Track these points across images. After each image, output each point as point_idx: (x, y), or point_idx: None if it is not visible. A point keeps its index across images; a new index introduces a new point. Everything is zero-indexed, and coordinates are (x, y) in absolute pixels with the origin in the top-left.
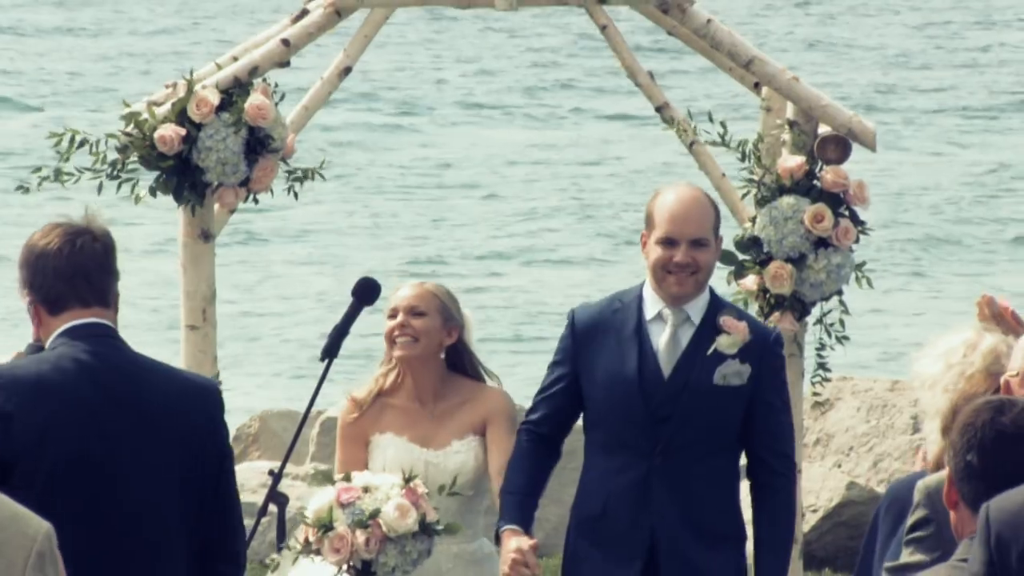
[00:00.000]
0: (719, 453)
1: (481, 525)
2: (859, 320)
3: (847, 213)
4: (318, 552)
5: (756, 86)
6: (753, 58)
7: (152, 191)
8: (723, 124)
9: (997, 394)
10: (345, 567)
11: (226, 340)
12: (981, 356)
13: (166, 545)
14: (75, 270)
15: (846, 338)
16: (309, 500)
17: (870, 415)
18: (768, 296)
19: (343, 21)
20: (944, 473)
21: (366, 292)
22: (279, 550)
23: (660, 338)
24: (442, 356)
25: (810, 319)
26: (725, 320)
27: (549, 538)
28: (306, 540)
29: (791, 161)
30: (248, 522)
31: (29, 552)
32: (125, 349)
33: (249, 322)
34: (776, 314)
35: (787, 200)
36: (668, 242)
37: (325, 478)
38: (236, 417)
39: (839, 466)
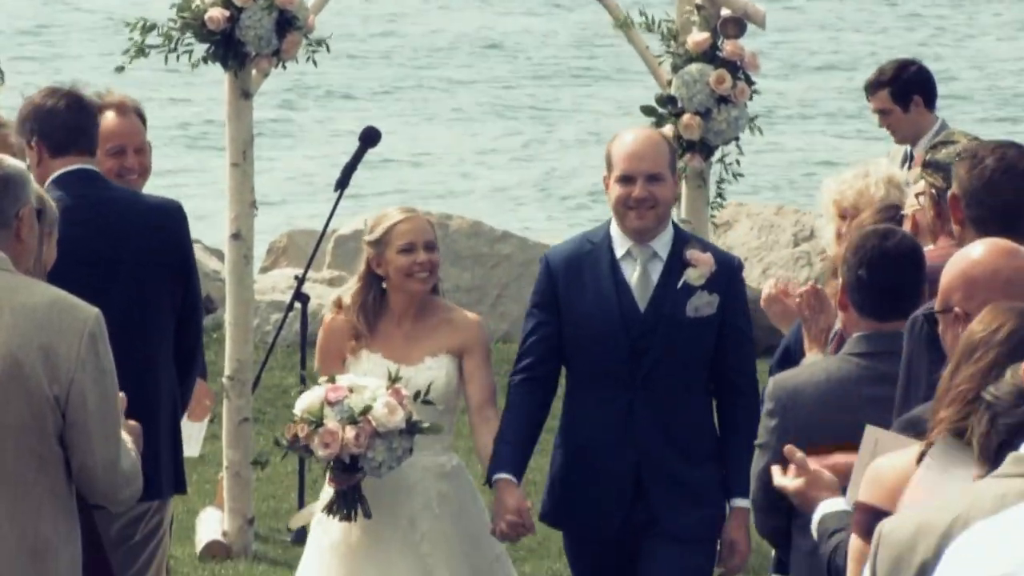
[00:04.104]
0: (696, 379)
1: (450, 441)
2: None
3: (743, 77)
4: (307, 448)
5: None
6: None
7: (204, 60)
8: (647, 14)
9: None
10: (332, 463)
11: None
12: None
13: (156, 324)
14: (80, 127)
15: (740, 175)
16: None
17: (760, 233)
18: (681, 141)
19: None
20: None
21: (370, 137)
22: (301, 348)
23: (632, 274)
24: None
25: (713, 159)
26: (691, 254)
27: None
28: (295, 436)
29: (699, 36)
30: (278, 316)
31: (83, 333)
32: (107, 188)
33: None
34: (688, 155)
35: (696, 67)
36: (626, 179)
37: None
38: (269, 234)
39: None
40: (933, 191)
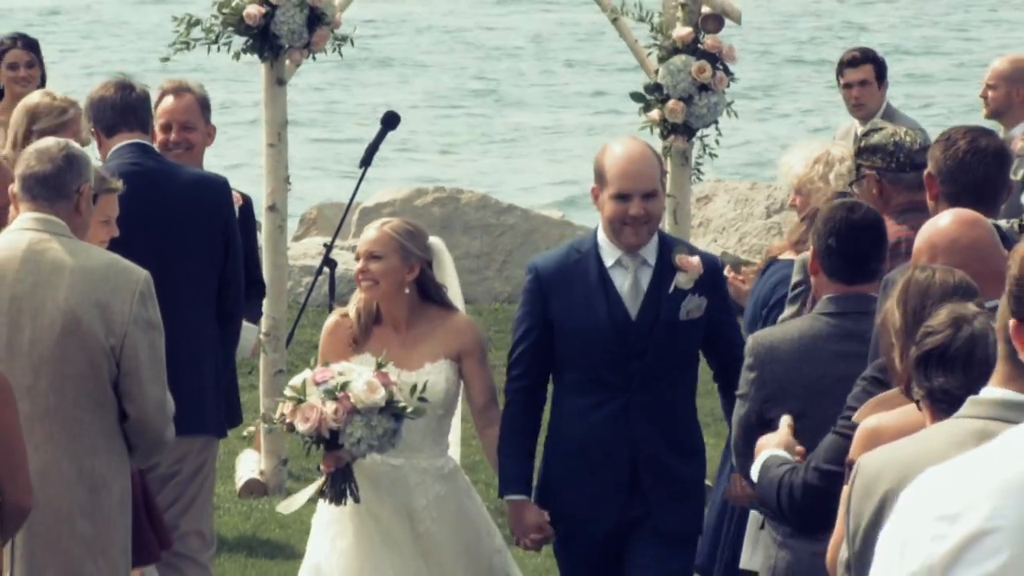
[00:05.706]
0: (683, 377)
1: (448, 444)
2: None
3: (721, 67)
4: (291, 425)
5: None
6: None
7: (243, 51)
8: (641, 6)
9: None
10: (314, 439)
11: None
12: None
13: (200, 282)
14: (126, 107)
15: (715, 155)
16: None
17: (736, 206)
18: (666, 123)
19: None
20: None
21: (390, 120)
22: (330, 307)
23: (624, 282)
24: (411, 288)
25: (696, 140)
26: (681, 259)
27: None
28: (282, 414)
29: (683, 31)
30: (309, 279)
31: (134, 293)
32: (156, 159)
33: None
34: (672, 136)
35: (680, 58)
36: (622, 197)
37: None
38: (300, 207)
39: (715, 241)
40: (874, 173)
